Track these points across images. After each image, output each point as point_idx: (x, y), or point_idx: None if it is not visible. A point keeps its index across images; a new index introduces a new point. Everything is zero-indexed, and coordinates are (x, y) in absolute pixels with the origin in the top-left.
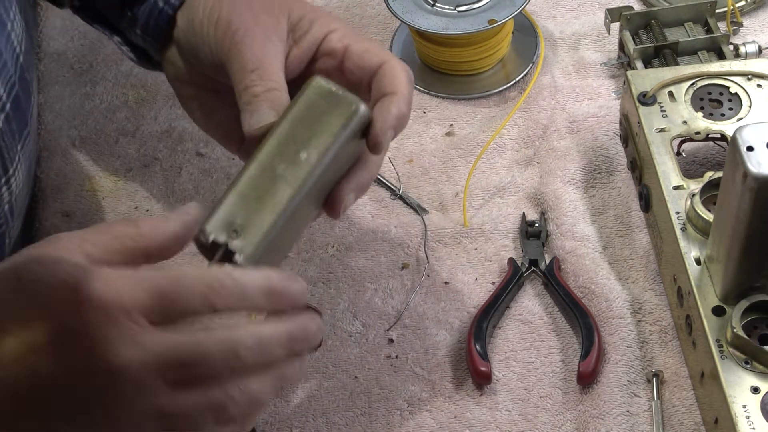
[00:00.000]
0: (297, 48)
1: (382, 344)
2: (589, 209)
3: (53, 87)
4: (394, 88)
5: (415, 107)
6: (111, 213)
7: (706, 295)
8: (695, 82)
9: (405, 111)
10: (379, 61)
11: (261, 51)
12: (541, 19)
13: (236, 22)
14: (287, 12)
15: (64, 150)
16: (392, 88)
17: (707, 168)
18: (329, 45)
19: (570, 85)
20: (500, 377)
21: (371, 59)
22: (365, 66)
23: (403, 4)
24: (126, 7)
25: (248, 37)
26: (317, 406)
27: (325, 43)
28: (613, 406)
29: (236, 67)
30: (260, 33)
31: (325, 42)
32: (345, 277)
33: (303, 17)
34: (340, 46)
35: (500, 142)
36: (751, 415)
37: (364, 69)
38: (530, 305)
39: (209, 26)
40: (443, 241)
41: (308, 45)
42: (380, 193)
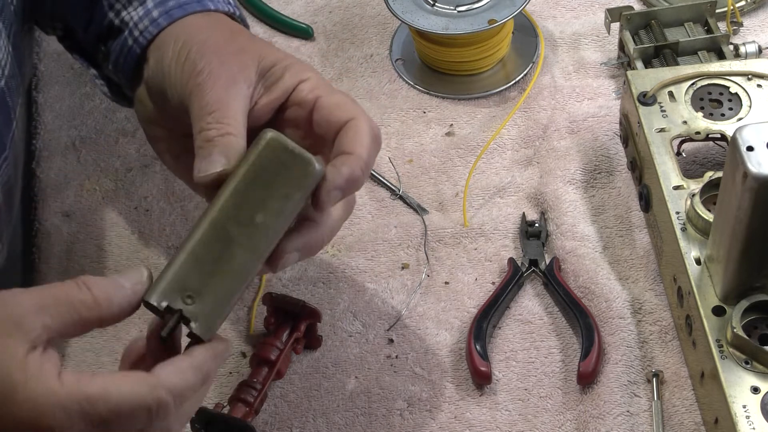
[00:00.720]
0: (267, 95)
1: (382, 344)
2: (589, 209)
3: (53, 87)
4: (353, 147)
5: (415, 107)
6: (111, 213)
7: (706, 295)
8: (695, 82)
9: (358, 173)
10: (347, 117)
11: (223, 94)
12: (541, 19)
13: (201, 63)
14: (258, 58)
15: (64, 150)
16: (351, 147)
17: (707, 168)
18: (300, 95)
19: (570, 85)
20: (500, 377)
21: (339, 114)
22: (332, 121)
23: (403, 4)
24: (101, 41)
25: (211, 80)
26: (317, 406)
27: (296, 93)
28: (613, 406)
29: (196, 108)
30: (225, 76)
31: (297, 91)
32: (345, 277)
33: (276, 64)
34: (311, 97)
35: (500, 142)
36: (751, 415)
37: (330, 123)
38: (530, 305)
39: (177, 67)
40: (443, 241)
41: (279, 93)
42: (380, 193)
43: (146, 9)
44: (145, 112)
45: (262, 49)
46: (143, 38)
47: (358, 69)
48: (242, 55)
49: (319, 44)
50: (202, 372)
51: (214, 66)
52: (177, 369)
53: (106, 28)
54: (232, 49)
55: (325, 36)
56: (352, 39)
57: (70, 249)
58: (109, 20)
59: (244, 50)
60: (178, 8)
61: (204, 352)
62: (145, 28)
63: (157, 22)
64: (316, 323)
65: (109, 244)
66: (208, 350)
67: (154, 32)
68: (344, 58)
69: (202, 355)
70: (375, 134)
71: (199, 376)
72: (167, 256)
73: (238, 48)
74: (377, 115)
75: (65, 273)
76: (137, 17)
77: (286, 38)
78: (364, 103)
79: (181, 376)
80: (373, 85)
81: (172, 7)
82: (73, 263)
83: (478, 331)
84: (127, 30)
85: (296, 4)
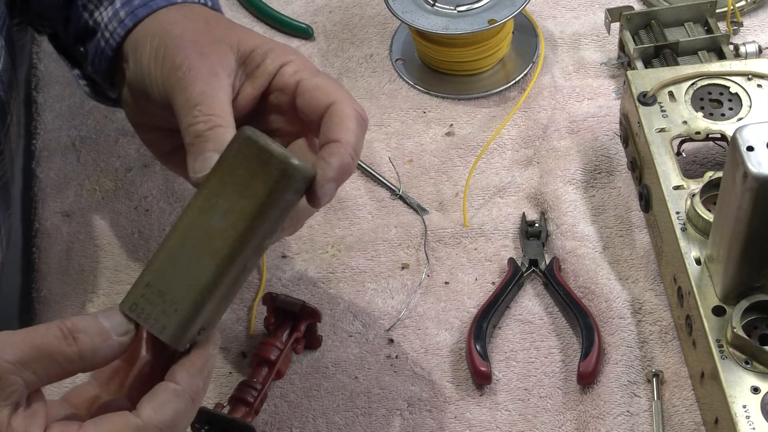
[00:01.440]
0: (250, 82)
1: (382, 344)
2: (589, 209)
3: (53, 87)
4: (339, 134)
5: (415, 107)
6: (111, 213)
7: (706, 295)
8: (695, 82)
9: (348, 161)
10: (329, 101)
11: (205, 86)
12: (541, 19)
13: (180, 58)
14: (236, 45)
15: (64, 150)
16: (337, 134)
17: (707, 168)
18: (282, 79)
19: (570, 85)
20: (500, 377)
21: (320, 98)
22: (314, 105)
23: (403, 4)
24: (78, 42)
25: (191, 74)
26: (317, 406)
27: (278, 77)
28: (613, 406)
29: (180, 104)
30: (204, 68)
31: (279, 75)
32: (345, 277)
33: (255, 49)
34: (293, 81)
35: (500, 142)
36: (751, 415)
37: (312, 108)
38: (530, 305)
39: (155, 65)
40: (443, 241)
41: (261, 80)
42: (380, 193)
43: (114, 9)
44: (133, 114)
45: (240, 35)
46: (113, 40)
47: (358, 69)
48: (220, 45)
49: (319, 44)
50: (188, 394)
51: (193, 60)
52: (160, 403)
53: (82, 28)
54: (208, 40)
55: (325, 36)
56: (352, 39)
57: (70, 249)
58: (84, 21)
59: (221, 40)
60: (142, 6)
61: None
62: (114, 29)
63: (123, 23)
64: (316, 323)
65: (109, 244)
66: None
67: (122, 33)
68: (344, 58)
69: (185, 380)
70: (360, 116)
71: (186, 400)
72: None
73: (214, 38)
74: (377, 115)
75: (65, 273)
76: (107, 18)
77: (286, 38)
78: (364, 103)
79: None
80: (373, 85)
81: (137, 6)
82: (73, 263)
83: (478, 331)
84: (99, 31)
85: (296, 4)
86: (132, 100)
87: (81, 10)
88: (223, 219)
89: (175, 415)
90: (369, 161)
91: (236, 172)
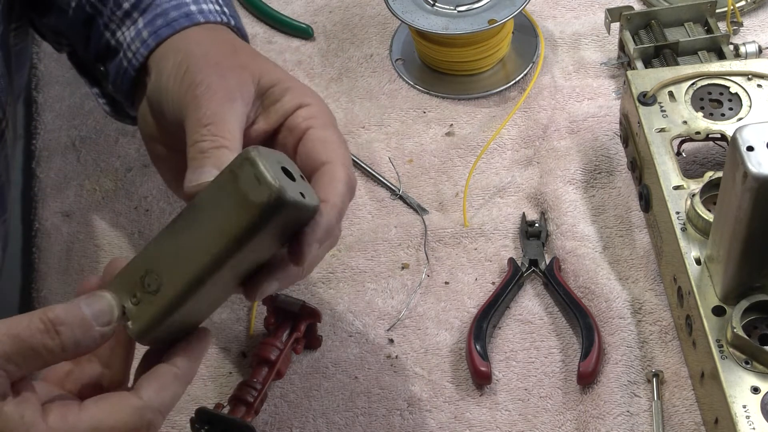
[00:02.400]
0: (264, 116)
1: (382, 344)
2: (589, 209)
3: (53, 87)
4: (327, 195)
5: (415, 107)
6: (111, 213)
7: (706, 295)
8: (695, 82)
9: (332, 223)
10: (326, 159)
11: (219, 108)
12: (541, 19)
13: (200, 76)
14: (258, 76)
15: (64, 150)
16: (325, 194)
17: (707, 168)
18: (295, 121)
19: (570, 85)
20: (500, 377)
21: (320, 154)
22: (312, 158)
23: (403, 4)
24: (99, 61)
25: (209, 93)
26: (317, 406)
27: (292, 117)
28: (613, 406)
29: (192, 121)
30: (222, 90)
31: (293, 116)
32: (345, 277)
33: (276, 84)
34: (303, 126)
35: (500, 142)
36: (751, 415)
37: (310, 161)
38: (530, 305)
39: (175, 80)
40: (443, 241)
41: (276, 117)
42: (380, 193)
43: (137, 29)
44: (147, 128)
45: (263, 67)
46: (136, 60)
47: (358, 69)
48: (242, 71)
49: (319, 44)
50: (186, 379)
51: (213, 80)
52: (162, 385)
53: (103, 47)
54: (232, 64)
55: (325, 36)
56: (352, 39)
57: (70, 249)
58: (106, 40)
59: (244, 67)
60: (166, 26)
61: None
62: (137, 49)
63: (146, 43)
64: (316, 323)
65: (109, 244)
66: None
67: (144, 53)
68: (344, 58)
69: (185, 365)
70: (350, 183)
71: (183, 384)
72: None
73: (238, 64)
74: (377, 115)
75: (65, 273)
76: (129, 38)
77: (286, 38)
78: (365, 103)
79: (166, 392)
80: (373, 85)
81: (160, 26)
82: (73, 263)
83: (478, 331)
84: (122, 51)
85: (296, 4)
86: (149, 114)
87: (102, 29)
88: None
89: (173, 398)
90: (369, 161)
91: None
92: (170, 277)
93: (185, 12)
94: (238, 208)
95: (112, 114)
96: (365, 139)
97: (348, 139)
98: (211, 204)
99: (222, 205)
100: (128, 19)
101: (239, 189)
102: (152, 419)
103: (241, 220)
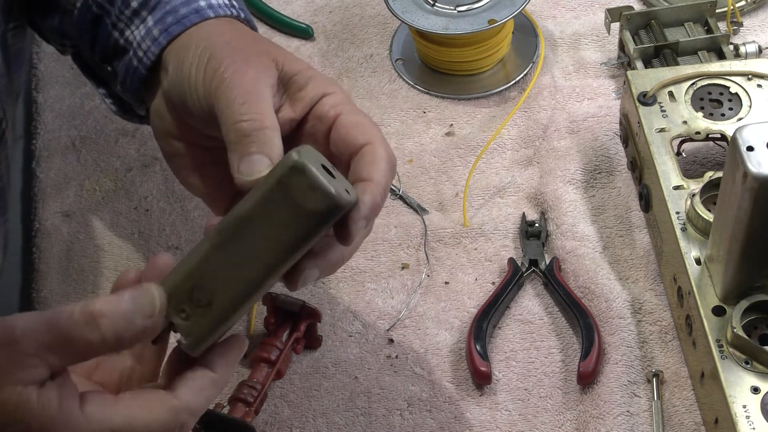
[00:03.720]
0: (289, 104)
1: (382, 344)
2: (589, 209)
3: (53, 87)
4: (371, 174)
5: (415, 107)
6: (111, 213)
7: (706, 295)
8: (695, 82)
9: (379, 201)
10: (365, 140)
11: (252, 87)
12: (541, 19)
13: (226, 61)
14: (281, 63)
15: (64, 150)
16: (369, 174)
17: (707, 168)
18: (322, 109)
19: (570, 85)
20: (500, 377)
21: (357, 137)
22: (350, 142)
23: (403, 4)
24: (106, 61)
25: (238, 75)
26: (317, 406)
27: (318, 106)
28: (613, 406)
29: (224, 102)
30: (251, 73)
31: (319, 105)
32: (345, 277)
33: (299, 72)
34: (332, 114)
35: (500, 142)
36: (751, 415)
37: (347, 145)
38: (530, 305)
39: (199, 67)
40: (443, 241)
41: (303, 105)
42: None
43: (147, 28)
44: (163, 126)
45: (285, 55)
46: (147, 59)
47: (358, 69)
48: (266, 57)
49: (319, 44)
50: (222, 384)
51: (239, 64)
52: (199, 388)
53: (111, 47)
54: (255, 51)
55: (325, 36)
56: (352, 39)
57: (70, 249)
58: (114, 39)
59: (267, 53)
60: (176, 24)
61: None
62: (147, 48)
63: (158, 41)
64: (316, 323)
65: (109, 244)
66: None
67: (156, 51)
68: (344, 58)
69: (222, 370)
70: (392, 161)
71: (217, 389)
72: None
73: (261, 50)
74: (377, 115)
75: (65, 273)
76: (140, 37)
77: (286, 38)
78: (365, 103)
79: (202, 396)
80: (373, 85)
81: (170, 23)
82: (73, 263)
83: (478, 331)
84: (131, 50)
85: (296, 4)
86: (167, 110)
87: (111, 29)
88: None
89: (207, 401)
90: None
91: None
92: (223, 290)
93: (195, 8)
94: (295, 218)
95: (119, 113)
96: None
97: None
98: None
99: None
100: (137, 17)
101: (293, 200)
102: (186, 421)
103: (300, 230)
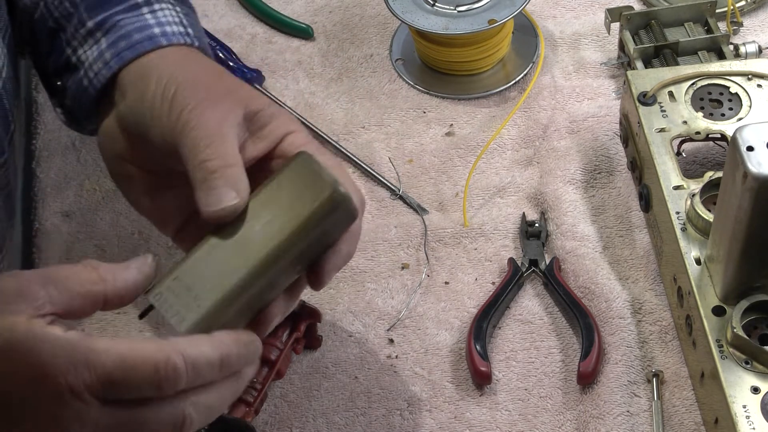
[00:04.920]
0: (253, 142)
1: (382, 344)
2: (589, 209)
3: None
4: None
5: (415, 107)
6: (110, 213)
7: (706, 295)
8: (695, 82)
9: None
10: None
11: (217, 128)
12: (541, 19)
13: (192, 100)
14: (245, 101)
15: (64, 150)
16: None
17: (707, 168)
18: (288, 148)
19: (570, 85)
20: (500, 377)
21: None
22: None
23: (403, 4)
24: (56, 76)
25: (204, 115)
26: (317, 406)
27: (283, 145)
28: (613, 406)
29: (190, 142)
30: (218, 113)
31: (283, 143)
32: (345, 277)
33: (262, 110)
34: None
35: (500, 142)
36: (751, 415)
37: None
38: (530, 305)
39: (163, 102)
40: (443, 241)
41: (266, 143)
42: (380, 193)
43: (100, 50)
44: (114, 147)
45: (248, 92)
46: (98, 81)
47: (358, 69)
48: (230, 95)
49: (319, 44)
50: (220, 350)
51: (206, 103)
52: (192, 340)
53: (63, 62)
54: (220, 88)
55: (325, 36)
56: (352, 39)
57: (70, 249)
58: (66, 56)
59: (231, 91)
60: (128, 49)
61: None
62: (98, 70)
63: (109, 65)
64: (316, 323)
65: (109, 244)
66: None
67: (107, 75)
68: (344, 58)
69: (222, 335)
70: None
71: (216, 354)
72: (167, 257)
73: (225, 88)
74: (377, 115)
75: None
76: (92, 58)
77: (286, 38)
78: (365, 103)
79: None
80: (373, 85)
81: (122, 48)
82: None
83: (478, 331)
84: (82, 69)
85: (296, 4)
86: (119, 132)
87: (64, 45)
88: (262, 229)
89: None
90: (369, 161)
91: (285, 189)
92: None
93: (148, 35)
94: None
95: (67, 124)
96: (365, 139)
97: (348, 139)
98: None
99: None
100: (91, 38)
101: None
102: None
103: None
